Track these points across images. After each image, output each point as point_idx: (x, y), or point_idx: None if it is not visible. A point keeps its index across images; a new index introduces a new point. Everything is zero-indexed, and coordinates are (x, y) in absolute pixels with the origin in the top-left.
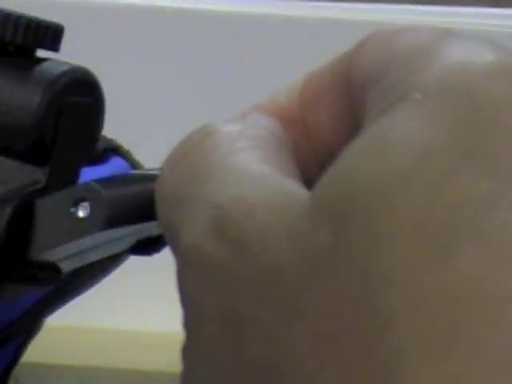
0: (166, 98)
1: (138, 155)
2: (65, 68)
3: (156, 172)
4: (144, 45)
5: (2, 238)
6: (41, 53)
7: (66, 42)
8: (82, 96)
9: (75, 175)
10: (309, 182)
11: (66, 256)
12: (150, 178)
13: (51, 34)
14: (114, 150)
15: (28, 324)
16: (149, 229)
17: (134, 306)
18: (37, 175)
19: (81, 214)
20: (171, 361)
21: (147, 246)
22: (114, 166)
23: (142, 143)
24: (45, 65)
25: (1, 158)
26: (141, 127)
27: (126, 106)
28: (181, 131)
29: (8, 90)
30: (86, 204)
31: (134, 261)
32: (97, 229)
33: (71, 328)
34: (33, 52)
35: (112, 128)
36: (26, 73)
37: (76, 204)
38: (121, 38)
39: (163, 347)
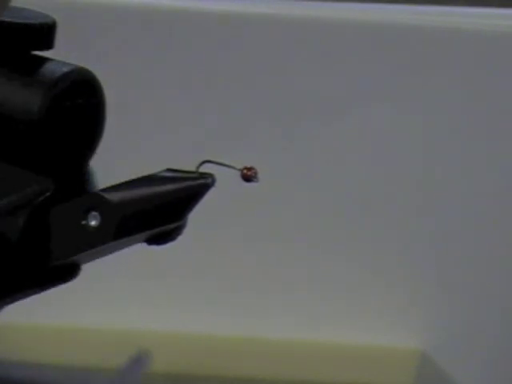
0: (166, 98)
1: (139, 155)
2: (65, 70)
3: (163, 174)
4: (144, 45)
5: (16, 246)
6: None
7: (65, 42)
8: (83, 97)
9: (82, 178)
10: None
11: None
12: (159, 181)
13: (43, 35)
14: None
15: None
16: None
17: (134, 306)
18: (45, 183)
19: (92, 224)
20: (171, 361)
21: (162, 237)
22: None
23: (142, 143)
24: (44, 67)
25: (9, 167)
26: (141, 128)
27: (126, 107)
28: (181, 131)
29: (8, 95)
30: (95, 213)
31: (134, 261)
32: (109, 240)
33: (71, 328)
34: (28, 53)
35: (112, 128)
36: (26, 76)
37: (86, 214)
38: (121, 38)
39: (163, 347)
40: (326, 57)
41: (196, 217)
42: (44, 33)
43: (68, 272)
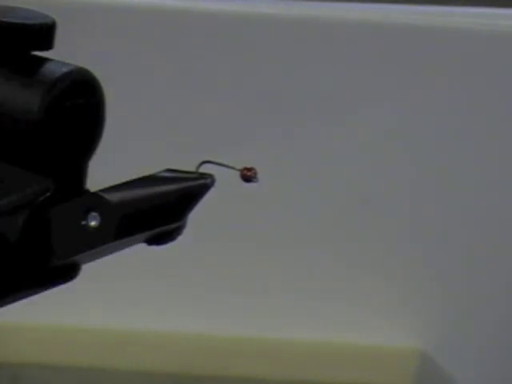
0: (166, 98)
1: (139, 155)
2: (64, 70)
3: (162, 175)
4: (144, 45)
5: (16, 246)
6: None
7: (65, 42)
8: (82, 98)
9: (81, 177)
10: None
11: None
12: (159, 182)
13: (43, 36)
14: None
15: None
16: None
17: (134, 306)
18: (45, 183)
19: (92, 224)
20: (171, 361)
21: (162, 237)
22: None
23: (142, 143)
24: (44, 67)
25: (9, 167)
26: (140, 128)
27: (126, 107)
28: (181, 131)
29: (8, 95)
30: (95, 214)
31: (134, 261)
32: (109, 240)
33: (71, 328)
34: (28, 53)
35: (112, 128)
36: (25, 76)
37: (86, 214)
38: (121, 38)
39: (163, 347)
40: (325, 57)
41: (196, 217)
42: (43, 33)
43: (68, 272)
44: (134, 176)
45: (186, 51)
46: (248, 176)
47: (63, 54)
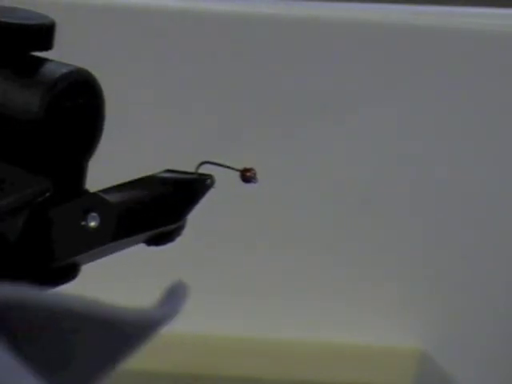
0: (166, 98)
1: (138, 156)
2: (64, 70)
3: (162, 175)
4: (144, 45)
5: (16, 246)
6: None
7: (65, 42)
8: (82, 98)
9: (81, 177)
10: None
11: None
12: (158, 182)
13: (42, 36)
14: None
15: None
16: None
17: (134, 306)
18: (45, 183)
19: (91, 224)
20: (171, 361)
21: (162, 238)
22: None
23: (141, 144)
24: (43, 67)
25: (9, 167)
26: (140, 128)
27: (126, 107)
28: (181, 132)
29: (8, 95)
30: (94, 214)
31: (133, 261)
32: (108, 240)
33: None
34: (27, 54)
35: (112, 129)
36: (25, 77)
37: (85, 214)
38: (121, 38)
39: (164, 347)
40: (325, 57)
41: (195, 218)
42: (43, 33)
43: (68, 272)
44: (134, 176)
45: (186, 51)
46: (248, 176)
47: (63, 55)
